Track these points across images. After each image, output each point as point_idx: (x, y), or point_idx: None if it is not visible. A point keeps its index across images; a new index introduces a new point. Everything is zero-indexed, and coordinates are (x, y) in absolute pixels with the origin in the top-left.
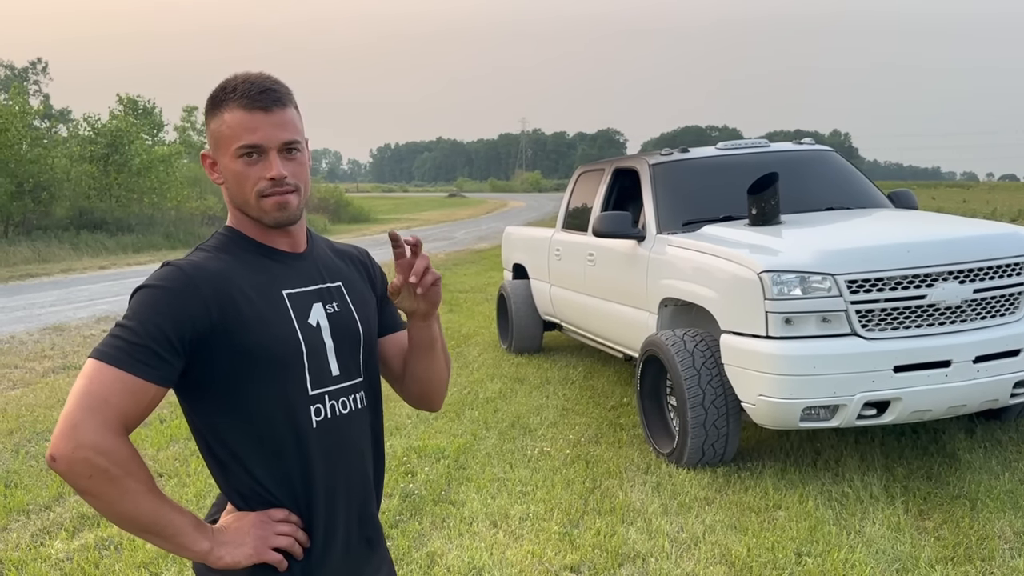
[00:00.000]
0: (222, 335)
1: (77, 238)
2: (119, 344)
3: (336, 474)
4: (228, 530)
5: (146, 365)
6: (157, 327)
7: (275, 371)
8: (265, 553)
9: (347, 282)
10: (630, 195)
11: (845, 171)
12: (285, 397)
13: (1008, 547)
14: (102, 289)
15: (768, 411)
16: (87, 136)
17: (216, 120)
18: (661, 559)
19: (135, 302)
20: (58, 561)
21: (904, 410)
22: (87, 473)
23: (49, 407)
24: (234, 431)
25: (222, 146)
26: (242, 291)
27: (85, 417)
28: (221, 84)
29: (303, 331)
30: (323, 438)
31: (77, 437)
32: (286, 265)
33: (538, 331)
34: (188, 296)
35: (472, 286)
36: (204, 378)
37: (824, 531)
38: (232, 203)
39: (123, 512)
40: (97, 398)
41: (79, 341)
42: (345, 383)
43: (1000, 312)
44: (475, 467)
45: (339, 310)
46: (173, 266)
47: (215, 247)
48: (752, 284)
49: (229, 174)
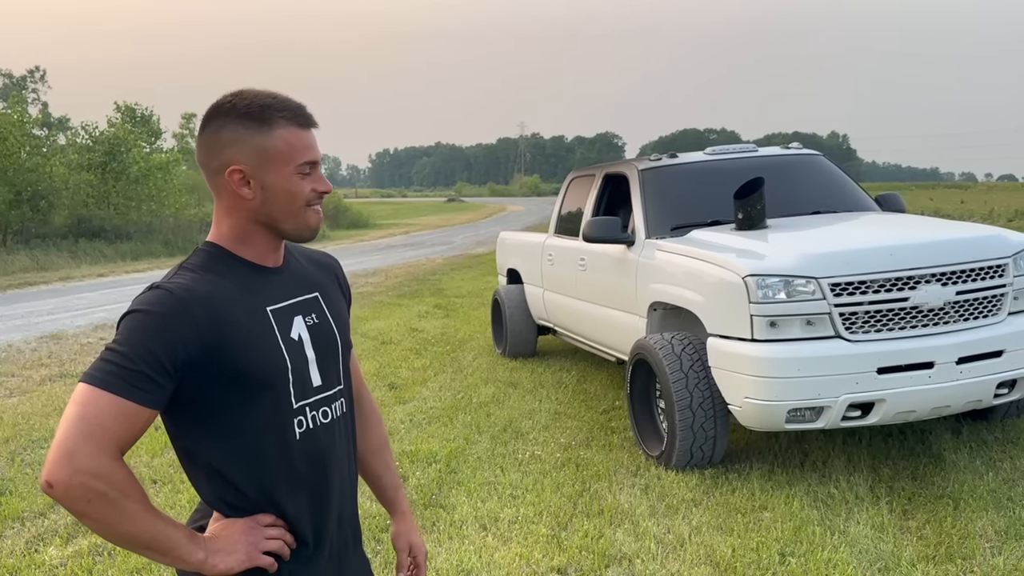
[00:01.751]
0: (212, 357)
1: (76, 246)
2: (112, 369)
3: (319, 480)
4: (219, 538)
5: (140, 390)
6: (149, 351)
7: (261, 390)
8: (257, 557)
9: (323, 291)
10: (620, 200)
11: (832, 175)
12: (270, 413)
13: (989, 545)
14: (100, 297)
15: (754, 413)
16: (85, 144)
17: (263, 136)
18: (647, 560)
19: (126, 327)
20: (52, 568)
21: (888, 411)
22: (86, 498)
23: (46, 415)
24: (219, 447)
25: (277, 161)
26: (231, 312)
27: (81, 443)
28: (256, 102)
29: (287, 347)
30: (306, 448)
31: (74, 463)
32: (268, 280)
33: (532, 335)
34: (179, 319)
35: (469, 291)
36: (192, 398)
37: (808, 531)
38: (258, 216)
39: (122, 532)
40: (93, 423)
41: (76, 349)
42: (327, 392)
43: (982, 314)
44: (466, 471)
45: (318, 321)
46: (162, 289)
47: (200, 266)
48: (737, 288)
49: (280, 189)
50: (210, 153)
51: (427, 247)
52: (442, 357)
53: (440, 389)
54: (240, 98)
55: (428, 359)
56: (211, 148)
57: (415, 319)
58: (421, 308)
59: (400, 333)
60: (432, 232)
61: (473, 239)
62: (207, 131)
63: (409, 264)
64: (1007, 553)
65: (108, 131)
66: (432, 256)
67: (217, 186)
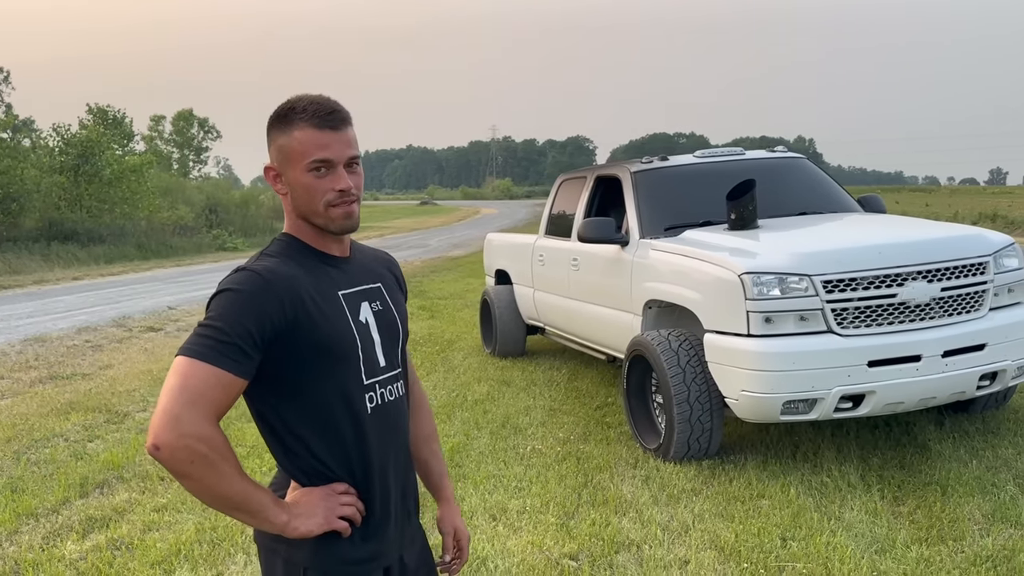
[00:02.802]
0: (294, 332)
1: (48, 249)
2: (209, 343)
3: (387, 453)
4: (299, 504)
5: (234, 361)
6: (242, 325)
7: (336, 364)
8: (333, 522)
9: (385, 284)
10: (612, 202)
11: (817, 177)
12: (345, 386)
13: (977, 528)
14: (78, 300)
15: (750, 406)
16: (57, 146)
17: (284, 136)
18: (654, 546)
19: (219, 304)
20: (72, 561)
21: (878, 403)
22: (189, 459)
23: (43, 415)
24: (299, 418)
25: (292, 160)
26: (308, 292)
27: (185, 409)
28: (288, 104)
29: (357, 328)
30: (376, 422)
31: (180, 427)
32: (338, 268)
33: (521, 335)
34: (266, 297)
35: (451, 292)
36: (276, 371)
37: (806, 517)
38: (296, 212)
39: (218, 493)
40: (194, 392)
41: (63, 352)
42: (390, 373)
43: (966, 309)
44: (470, 465)
45: (382, 308)
46: (250, 271)
47: (279, 253)
48: (734, 285)
49: (298, 186)
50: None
51: (403, 250)
52: (432, 357)
53: (434, 388)
54: (283, 102)
55: (418, 359)
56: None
57: None
58: None
59: None
60: (406, 235)
61: (449, 242)
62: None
63: None
64: (995, 534)
65: (80, 133)
66: (409, 259)
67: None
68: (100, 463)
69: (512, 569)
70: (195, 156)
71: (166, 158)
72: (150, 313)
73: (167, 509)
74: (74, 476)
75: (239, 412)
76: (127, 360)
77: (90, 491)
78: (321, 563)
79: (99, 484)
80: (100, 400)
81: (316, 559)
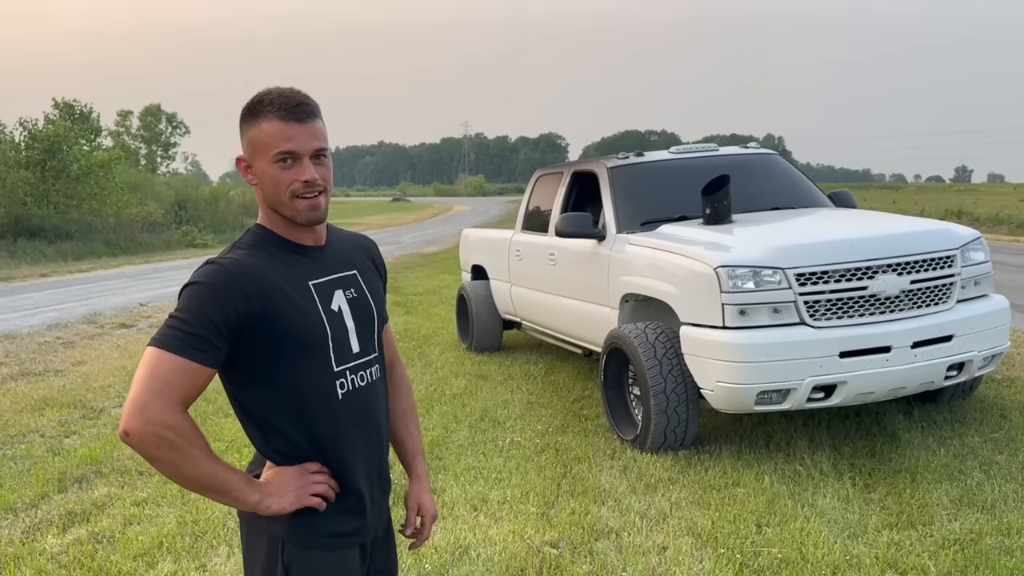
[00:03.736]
0: (260, 323)
1: (14, 246)
2: (176, 334)
3: (360, 437)
4: (272, 483)
5: (199, 351)
6: (207, 317)
7: (306, 353)
8: (305, 499)
9: (361, 269)
10: (588, 197)
11: (789, 173)
12: (314, 374)
13: (945, 513)
14: (47, 297)
15: (725, 396)
16: (23, 141)
17: (254, 128)
18: (633, 533)
19: (186, 297)
20: (54, 555)
21: (849, 393)
22: (156, 444)
23: (17, 412)
24: (272, 403)
25: (259, 151)
26: (276, 284)
27: (151, 398)
28: (257, 97)
29: (328, 317)
30: (348, 407)
31: (146, 415)
32: (310, 258)
33: (498, 330)
34: (231, 290)
35: (426, 288)
36: (246, 359)
37: (780, 504)
38: (266, 202)
39: (186, 475)
40: (161, 381)
41: (34, 348)
42: (364, 358)
43: (934, 301)
44: (450, 457)
45: (356, 295)
46: (216, 264)
47: (250, 244)
48: (709, 278)
49: (265, 177)
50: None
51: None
52: (409, 352)
53: (412, 382)
54: (254, 95)
55: None
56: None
57: None
58: None
59: None
60: (379, 232)
61: (422, 238)
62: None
63: None
64: (962, 519)
65: (47, 128)
66: (383, 255)
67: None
68: (78, 458)
69: (494, 557)
70: (163, 152)
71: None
72: (121, 310)
73: (147, 503)
74: (52, 471)
75: (215, 408)
76: (100, 356)
77: (68, 486)
78: (299, 537)
79: (77, 479)
80: (75, 396)
81: (295, 533)
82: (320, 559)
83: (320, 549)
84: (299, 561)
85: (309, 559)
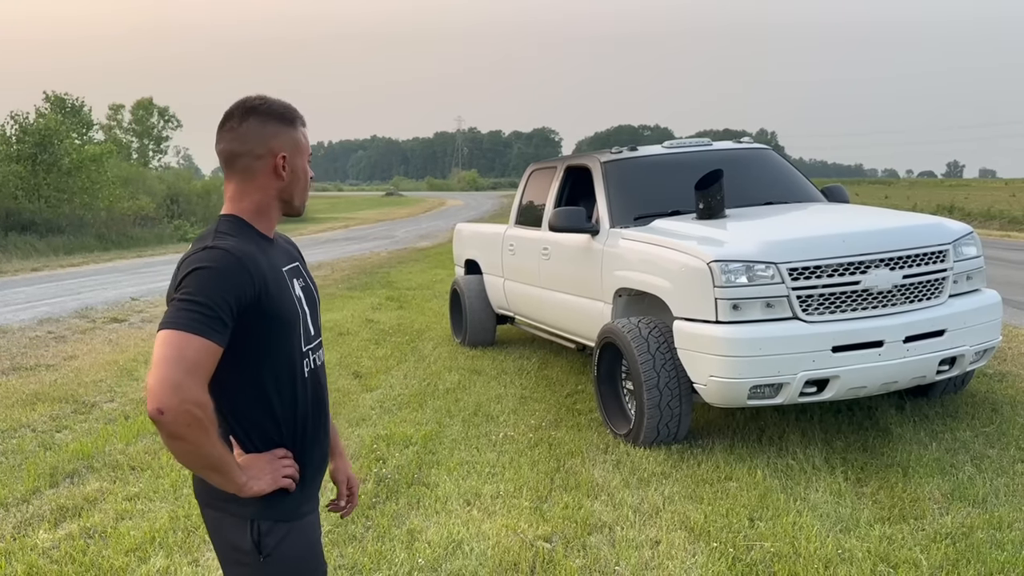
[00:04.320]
0: (257, 305)
1: (5, 240)
2: (197, 316)
3: (319, 411)
4: (250, 467)
5: (219, 332)
6: (224, 300)
7: (289, 330)
8: (280, 481)
9: (300, 263)
10: (582, 192)
11: (782, 168)
12: (292, 352)
13: (937, 507)
14: (38, 292)
15: (718, 390)
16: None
17: (296, 132)
18: (626, 527)
19: (198, 281)
20: (45, 550)
21: (842, 387)
22: (187, 422)
23: (8, 406)
24: (248, 382)
25: (301, 151)
26: (267, 269)
27: (185, 377)
28: (283, 104)
29: (295, 300)
30: (312, 383)
31: (181, 393)
32: (273, 248)
33: (491, 324)
34: (240, 274)
35: (419, 283)
36: (235, 339)
37: (773, 498)
38: (281, 195)
39: (204, 454)
40: (191, 362)
41: (25, 343)
42: (317, 341)
43: (927, 296)
44: (443, 452)
45: (305, 284)
46: (219, 249)
47: (233, 232)
48: (702, 273)
49: (300, 172)
50: (254, 142)
51: (369, 241)
52: (402, 347)
53: (405, 377)
54: (269, 102)
55: (388, 349)
56: (255, 138)
57: (369, 311)
58: (374, 300)
59: (356, 324)
60: (372, 226)
61: (415, 233)
62: (247, 124)
63: (354, 258)
64: (954, 513)
65: (38, 121)
66: (376, 250)
67: (252, 169)
68: (69, 453)
69: (488, 551)
70: (155, 146)
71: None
72: (113, 304)
73: (139, 498)
74: (43, 466)
75: None
76: (92, 351)
77: (60, 481)
78: (269, 515)
79: (69, 474)
80: (66, 391)
81: (265, 512)
82: (286, 529)
83: (286, 520)
84: (270, 535)
85: (279, 531)
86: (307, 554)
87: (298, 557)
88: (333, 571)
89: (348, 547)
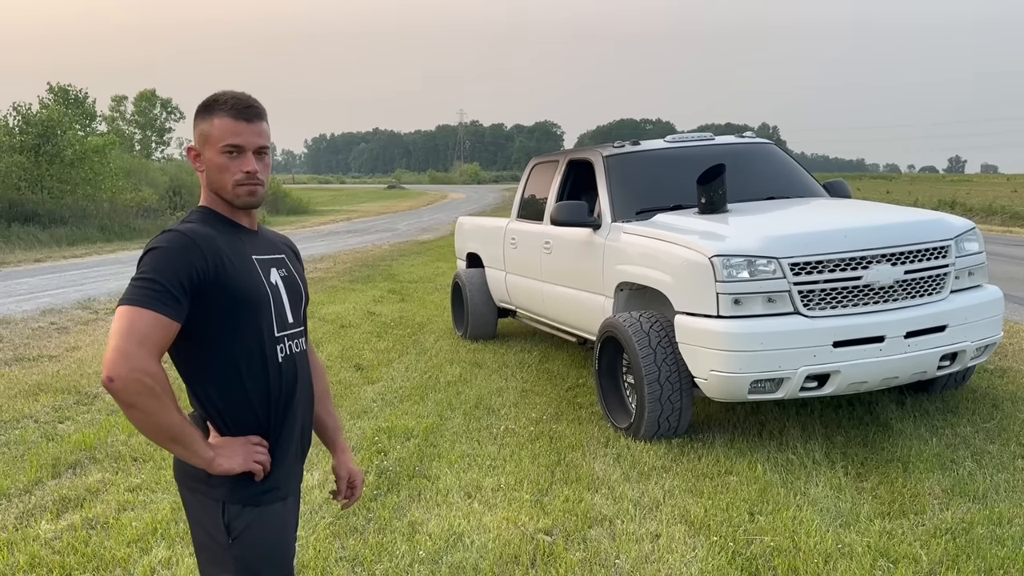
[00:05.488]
0: (215, 282)
1: (8, 231)
2: (147, 292)
3: (293, 396)
4: (223, 445)
5: (170, 307)
6: (174, 275)
7: (252, 314)
8: (251, 464)
9: (288, 256)
10: (583, 186)
11: (784, 162)
12: (260, 335)
13: (937, 502)
14: (41, 282)
15: (719, 385)
16: (17, 126)
17: (206, 123)
18: (626, 521)
19: (151, 260)
20: (47, 540)
21: (842, 382)
22: (137, 390)
23: (11, 397)
24: (220, 362)
25: (209, 143)
26: (224, 251)
27: (134, 347)
28: (212, 97)
29: (268, 287)
30: (286, 369)
31: (130, 362)
32: (248, 237)
33: (493, 318)
34: (190, 251)
35: (420, 276)
36: (200, 319)
37: (773, 493)
38: (210, 187)
39: (159, 423)
40: (140, 333)
41: (28, 334)
42: (296, 329)
43: (928, 291)
44: (444, 445)
45: (288, 275)
46: (174, 231)
47: (198, 220)
48: (704, 268)
49: (212, 165)
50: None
51: (371, 234)
52: (404, 340)
53: (407, 370)
54: (208, 96)
55: (390, 341)
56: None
57: (371, 303)
58: (376, 293)
59: (358, 317)
60: (374, 219)
61: (417, 226)
62: None
63: (356, 250)
64: (954, 508)
65: (41, 113)
66: (378, 243)
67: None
68: (72, 444)
69: (488, 544)
70: (158, 137)
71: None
72: (116, 295)
73: (141, 489)
74: (46, 457)
75: None
76: (94, 342)
77: (62, 471)
78: (238, 498)
79: (71, 465)
80: (69, 382)
81: (233, 495)
82: (254, 513)
83: (254, 505)
84: (239, 518)
85: (247, 515)
86: (274, 539)
87: (265, 541)
88: (335, 563)
89: (349, 539)
